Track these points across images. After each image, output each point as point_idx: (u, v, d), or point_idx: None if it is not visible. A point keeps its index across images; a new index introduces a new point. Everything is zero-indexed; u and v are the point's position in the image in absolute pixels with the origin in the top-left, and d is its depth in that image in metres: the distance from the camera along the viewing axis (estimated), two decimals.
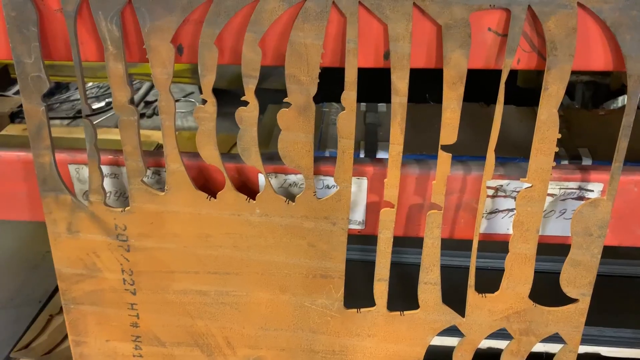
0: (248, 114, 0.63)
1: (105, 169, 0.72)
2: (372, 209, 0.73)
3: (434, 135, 0.63)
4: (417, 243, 0.73)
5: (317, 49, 0.59)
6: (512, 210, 0.71)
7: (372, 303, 0.74)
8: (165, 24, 0.60)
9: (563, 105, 1.46)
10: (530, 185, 0.65)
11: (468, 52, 0.59)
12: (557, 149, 0.62)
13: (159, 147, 1.28)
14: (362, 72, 0.61)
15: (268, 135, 1.28)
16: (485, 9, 0.57)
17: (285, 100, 0.63)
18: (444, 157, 0.64)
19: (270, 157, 0.70)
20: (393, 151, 0.64)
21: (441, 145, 0.63)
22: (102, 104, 2.35)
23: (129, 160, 0.67)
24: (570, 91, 1.66)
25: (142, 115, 2.09)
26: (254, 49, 0.60)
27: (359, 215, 0.73)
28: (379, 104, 1.37)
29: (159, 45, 0.61)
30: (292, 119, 0.63)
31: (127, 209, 0.71)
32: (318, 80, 0.61)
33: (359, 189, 0.71)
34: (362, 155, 1.20)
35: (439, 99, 0.62)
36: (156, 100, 2.18)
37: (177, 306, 0.75)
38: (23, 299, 1.44)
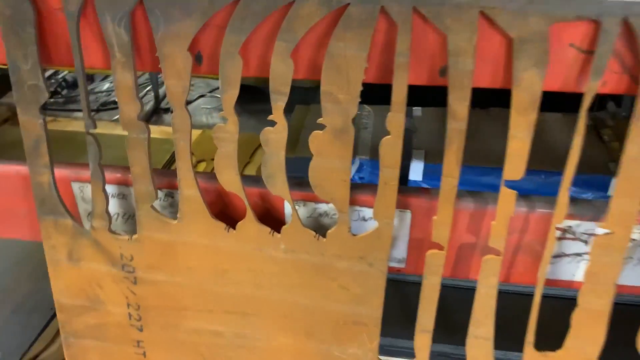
0: (275, 136, 0.54)
1: (112, 188, 0.63)
2: (416, 246, 0.63)
3: (472, 144, 0.53)
4: None
5: (360, 62, 0.50)
6: (580, 254, 0.61)
7: (409, 351, 0.65)
8: (182, 28, 0.51)
9: (609, 112, 1.34)
10: (609, 231, 0.54)
11: (544, 72, 0.48)
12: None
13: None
14: None
15: (295, 140, 1.19)
16: (569, 21, 0.46)
17: (320, 121, 0.53)
18: (508, 195, 0.54)
19: (299, 183, 0.61)
20: (446, 185, 0.54)
21: (505, 181, 0.53)
22: None
23: (137, 184, 0.59)
24: (615, 97, 1.53)
25: (166, 110, 2.00)
26: (285, 61, 0.51)
27: (399, 252, 0.63)
28: (413, 108, 1.26)
29: (174, 53, 0.52)
30: (326, 144, 0.54)
31: (134, 237, 0.62)
32: (359, 100, 0.52)
33: (402, 223, 0.61)
34: None
35: (477, 104, 0.52)
36: None
37: (188, 346, 0.66)
38: (34, 304, 1.38)
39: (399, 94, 0.51)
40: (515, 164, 0.52)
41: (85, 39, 0.54)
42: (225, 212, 0.63)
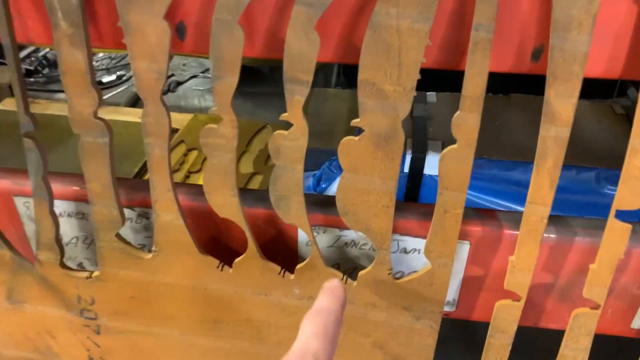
0: (291, 144, 0.38)
1: (68, 206, 0.47)
2: (470, 286, 0.48)
3: (495, 134, 0.38)
4: None
5: (419, 38, 0.33)
6: None
7: None
8: None
9: (630, 98, 1.19)
10: None
11: None
12: None
13: (173, 130, 0.99)
14: None
15: (328, 131, 1.01)
16: None
17: (355, 123, 0.37)
18: (619, 230, 0.38)
19: (318, 201, 0.45)
20: (532, 215, 0.38)
21: (617, 211, 0.37)
22: (113, 77, 2.09)
23: (96, 205, 0.42)
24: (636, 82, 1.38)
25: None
26: (308, 35, 0.34)
27: (449, 292, 0.48)
28: (427, 93, 1.11)
29: (145, 22, 0.35)
30: (364, 156, 0.38)
31: (95, 274, 0.46)
32: (415, 94, 0.36)
33: (456, 256, 0.46)
34: (407, 157, 0.94)
35: (498, 89, 0.36)
36: (173, 75, 1.92)
37: None
38: None
39: (475, 86, 0.35)
40: (635, 189, 0.36)
41: (18, 2, 0.38)
42: (218, 242, 0.47)
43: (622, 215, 0.38)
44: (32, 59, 1.96)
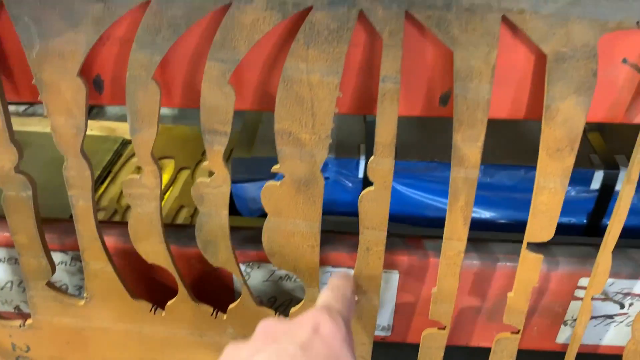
0: (214, 191, 0.39)
1: None
2: (403, 311, 0.49)
3: (446, 137, 0.39)
4: None
5: (329, 90, 0.35)
6: (611, 317, 0.48)
7: None
8: (68, 44, 0.34)
9: None
10: None
11: (589, 101, 0.34)
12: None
13: (127, 143, 0.90)
14: None
15: (251, 136, 1.02)
16: (625, 29, 0.32)
17: (275, 169, 0.38)
18: (531, 260, 0.40)
19: (251, 238, 0.46)
20: (449, 250, 0.40)
21: (527, 244, 0.39)
22: None
23: (24, 256, 0.42)
24: None
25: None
26: (222, 89, 0.35)
27: (384, 318, 0.49)
28: None
29: (59, 80, 0.36)
30: (286, 200, 0.39)
31: (28, 322, 0.46)
32: (330, 141, 0.37)
33: (387, 285, 0.47)
34: (361, 162, 0.95)
35: None
36: None
37: None
38: None
39: (385, 133, 0.36)
40: (544, 221, 0.38)
41: None
42: (153, 281, 0.47)
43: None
44: None
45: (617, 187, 0.94)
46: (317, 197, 0.38)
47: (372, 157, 0.37)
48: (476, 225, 1.04)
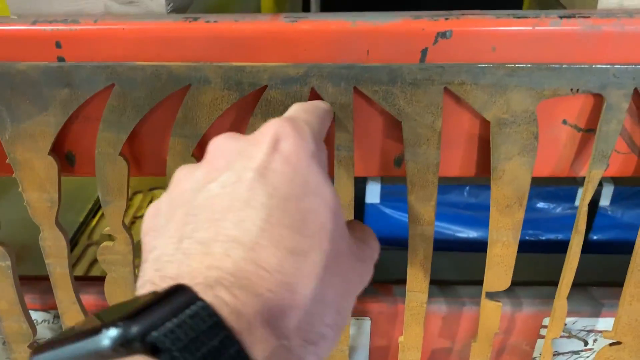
0: None
1: None
2: (377, 357, 0.51)
3: None
4: None
5: None
6: (577, 353, 0.50)
7: None
8: (38, 126, 0.36)
9: None
10: (617, 341, 0.43)
11: (532, 161, 0.36)
12: None
13: None
14: None
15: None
16: (562, 95, 0.35)
17: None
18: (491, 309, 0.42)
19: None
20: (413, 301, 0.41)
21: (486, 293, 0.41)
22: None
23: (6, 321, 0.44)
24: None
25: None
26: (187, 161, 0.37)
27: None
28: None
29: (32, 158, 0.38)
30: None
31: None
32: None
33: (360, 331, 0.49)
34: None
35: None
36: None
37: None
38: None
39: (344, 196, 0.38)
40: (500, 273, 0.40)
41: None
42: None
43: None
44: None
45: (601, 203, 0.97)
46: None
47: None
48: (463, 244, 1.06)
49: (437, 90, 0.34)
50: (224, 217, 0.22)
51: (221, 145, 0.26)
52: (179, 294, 0.19)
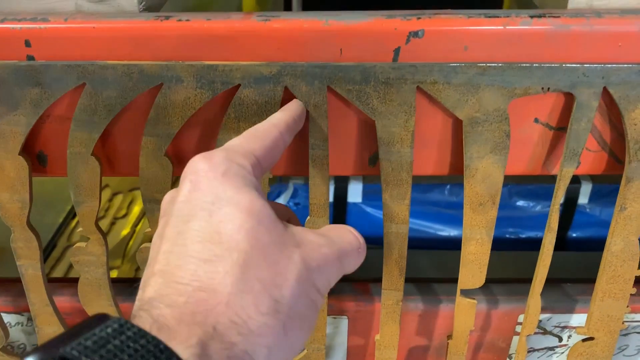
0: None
1: None
2: (355, 355, 0.51)
3: None
4: None
5: None
6: (552, 349, 0.50)
7: None
8: (7, 126, 0.36)
9: None
10: (589, 337, 0.43)
11: (505, 159, 0.37)
12: (633, 290, 0.41)
13: None
14: None
15: None
16: (533, 94, 0.35)
17: None
18: (466, 306, 0.42)
19: None
20: (388, 300, 0.41)
21: (461, 290, 0.42)
22: None
23: None
24: None
25: None
26: (160, 161, 0.37)
27: None
28: None
29: (3, 158, 0.37)
30: None
31: None
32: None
33: (338, 330, 0.49)
34: (332, 186, 0.96)
35: None
36: None
37: None
38: None
39: (319, 194, 0.38)
40: (473, 271, 0.40)
41: None
42: None
43: None
44: None
45: (580, 201, 0.97)
46: None
47: (308, 217, 0.39)
48: (444, 243, 1.06)
49: (410, 89, 0.34)
50: (155, 257, 0.26)
51: (167, 195, 0.29)
52: (98, 320, 0.22)
